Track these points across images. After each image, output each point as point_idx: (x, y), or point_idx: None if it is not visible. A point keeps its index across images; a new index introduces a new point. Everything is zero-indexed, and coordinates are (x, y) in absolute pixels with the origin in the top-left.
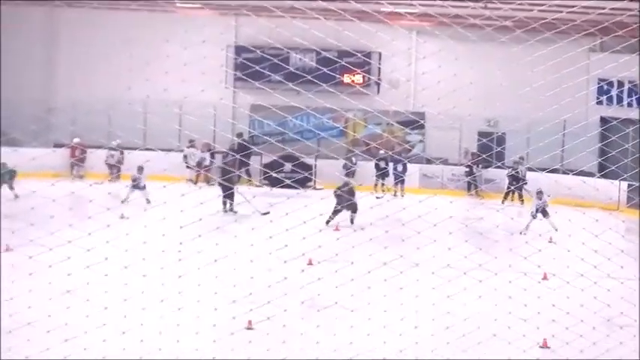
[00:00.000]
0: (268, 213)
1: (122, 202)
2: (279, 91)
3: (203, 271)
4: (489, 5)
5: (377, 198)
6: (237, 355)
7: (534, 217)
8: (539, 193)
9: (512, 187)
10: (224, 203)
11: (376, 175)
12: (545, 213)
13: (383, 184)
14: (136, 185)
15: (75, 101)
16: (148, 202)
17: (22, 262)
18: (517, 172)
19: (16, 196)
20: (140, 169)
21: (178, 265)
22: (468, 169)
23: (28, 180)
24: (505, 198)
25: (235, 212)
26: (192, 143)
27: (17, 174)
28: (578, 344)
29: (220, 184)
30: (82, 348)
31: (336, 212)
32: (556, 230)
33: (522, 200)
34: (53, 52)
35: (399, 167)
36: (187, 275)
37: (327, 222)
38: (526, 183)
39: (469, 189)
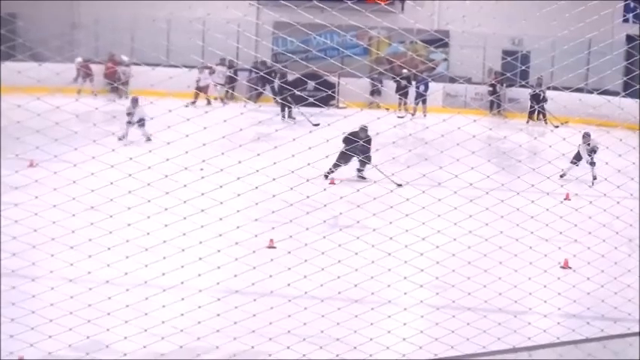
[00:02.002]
0: (319, 125)
1: (119, 139)
2: (303, 8)
3: (226, 189)
4: None
5: (398, 117)
6: (259, 273)
7: (576, 164)
8: (587, 135)
9: (536, 107)
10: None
11: (398, 94)
12: (592, 162)
13: (405, 103)
14: (130, 121)
15: (98, 18)
16: (148, 139)
17: (46, 177)
18: (536, 92)
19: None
20: (134, 100)
21: (201, 183)
22: (491, 88)
23: (53, 95)
24: (530, 118)
25: (294, 119)
26: (222, 61)
27: None
28: (599, 264)
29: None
30: (105, 264)
31: (337, 166)
32: (595, 179)
33: (546, 120)
34: None
35: (422, 87)
36: (210, 193)
37: (326, 175)
38: (546, 102)
39: (492, 108)
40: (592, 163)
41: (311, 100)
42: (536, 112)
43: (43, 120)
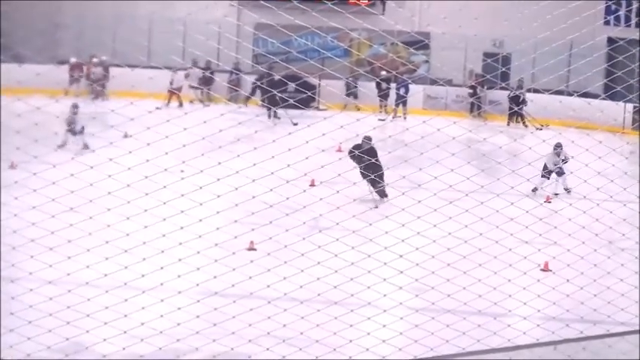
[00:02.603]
0: (297, 124)
1: (59, 147)
2: (284, 9)
3: (205, 190)
4: None
5: (379, 120)
6: (239, 274)
7: (547, 177)
8: (558, 146)
9: (515, 109)
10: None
11: (378, 96)
12: (560, 172)
13: (386, 106)
14: (71, 129)
15: (81, 16)
16: (86, 147)
17: (26, 178)
18: (516, 94)
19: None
20: (74, 107)
21: (181, 184)
22: (471, 90)
23: (32, 96)
24: (509, 120)
25: (279, 118)
26: (194, 63)
27: None
28: (579, 266)
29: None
30: (84, 265)
31: (372, 182)
32: (568, 192)
33: (525, 123)
34: None
35: (402, 89)
36: (190, 194)
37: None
38: (526, 104)
39: (472, 110)
40: (559, 173)
41: (291, 101)
42: (516, 115)
43: (23, 120)
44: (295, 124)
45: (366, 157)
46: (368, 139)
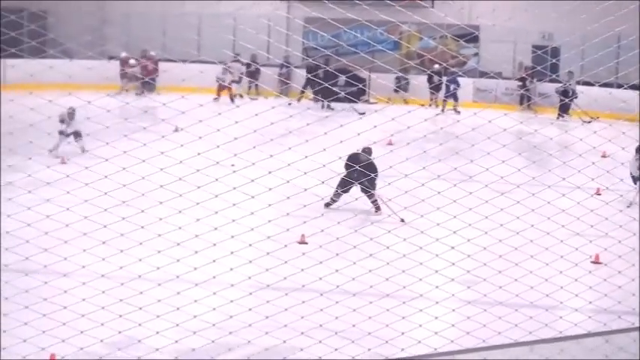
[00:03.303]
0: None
1: (50, 151)
2: (334, 2)
3: (257, 183)
4: None
5: (437, 115)
6: (291, 267)
7: (635, 183)
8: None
9: (566, 101)
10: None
11: (429, 89)
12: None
13: (437, 99)
14: (62, 132)
15: (128, 13)
16: (84, 151)
17: (77, 172)
18: (565, 88)
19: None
20: (71, 112)
21: (233, 177)
22: (521, 83)
23: (83, 91)
24: (560, 113)
25: (332, 108)
26: (236, 57)
27: None
28: (630, 257)
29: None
30: (136, 258)
31: (337, 195)
32: None
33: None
34: None
35: (452, 86)
36: (241, 187)
37: (327, 204)
38: (576, 97)
39: (521, 102)
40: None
41: (342, 94)
42: (565, 107)
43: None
44: (362, 114)
45: (358, 170)
46: (367, 151)
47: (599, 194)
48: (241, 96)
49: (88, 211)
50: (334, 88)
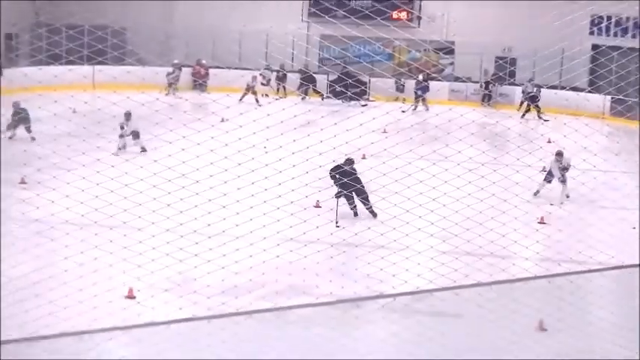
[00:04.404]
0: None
1: (118, 151)
2: (343, 23)
3: (283, 161)
4: None
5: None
6: (309, 225)
7: (549, 182)
8: (559, 154)
9: (525, 101)
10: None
11: (415, 91)
12: (563, 179)
13: (424, 99)
14: (122, 134)
15: (187, 28)
16: (143, 150)
17: (148, 152)
18: (530, 90)
19: (33, 139)
20: (127, 114)
21: (265, 157)
22: (484, 84)
23: (153, 91)
24: (525, 112)
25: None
26: (267, 65)
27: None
28: (568, 219)
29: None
30: (193, 217)
31: (348, 198)
32: (567, 197)
33: (538, 111)
34: None
35: (419, 91)
36: (272, 164)
37: (354, 212)
38: (538, 98)
39: (483, 100)
40: (563, 181)
41: (349, 93)
42: (528, 106)
43: (146, 109)
44: (364, 105)
45: (345, 179)
46: (350, 161)
47: (545, 171)
48: (267, 95)
49: (157, 181)
50: (343, 89)
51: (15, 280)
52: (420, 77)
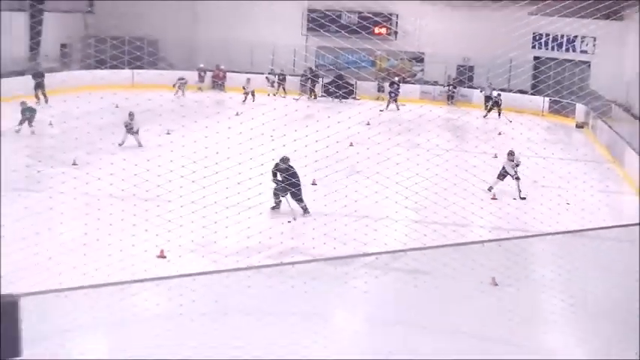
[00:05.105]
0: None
1: (119, 145)
2: (335, 37)
3: (287, 147)
4: None
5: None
6: (308, 198)
7: (501, 179)
8: (511, 154)
9: (487, 104)
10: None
11: (389, 93)
12: (517, 176)
13: (396, 99)
14: (129, 130)
15: (210, 38)
16: (140, 145)
17: (177, 140)
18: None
19: (33, 133)
20: (131, 115)
21: (272, 143)
22: (448, 87)
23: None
24: (487, 112)
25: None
26: (272, 70)
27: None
28: (515, 195)
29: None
30: (214, 191)
31: (277, 196)
32: (522, 198)
33: (500, 114)
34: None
35: (392, 94)
36: (277, 149)
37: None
38: (496, 101)
39: (448, 100)
40: (517, 178)
41: (340, 92)
42: (489, 107)
43: (175, 104)
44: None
45: (283, 176)
46: (284, 160)
47: (496, 157)
48: (274, 94)
49: (184, 162)
50: (333, 89)
51: (69, 242)
52: (396, 79)
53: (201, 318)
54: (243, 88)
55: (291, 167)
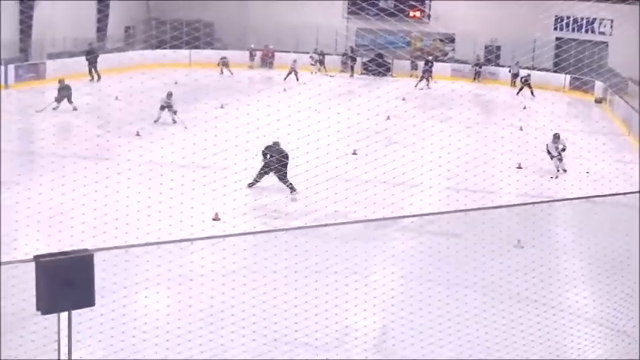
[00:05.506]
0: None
1: (154, 122)
2: (374, 19)
3: (332, 120)
4: None
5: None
6: (349, 166)
7: (555, 156)
8: (556, 136)
9: (514, 80)
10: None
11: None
12: (560, 158)
13: (431, 76)
14: (168, 108)
15: (259, 21)
16: (175, 122)
17: (229, 113)
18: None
19: (75, 109)
20: (169, 94)
21: (317, 116)
22: (475, 66)
23: (235, 68)
24: (519, 89)
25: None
26: (317, 49)
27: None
28: (542, 165)
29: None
30: (253, 155)
31: (262, 175)
32: (565, 171)
33: (532, 91)
34: None
35: (427, 72)
36: (322, 121)
37: (250, 185)
38: (525, 79)
39: (475, 78)
40: (560, 159)
41: (380, 70)
42: (520, 88)
43: (225, 81)
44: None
45: (274, 157)
46: (276, 143)
47: (521, 129)
48: (315, 73)
49: (238, 132)
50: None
51: (135, 204)
52: (430, 58)
53: (253, 275)
54: (290, 67)
55: (283, 150)
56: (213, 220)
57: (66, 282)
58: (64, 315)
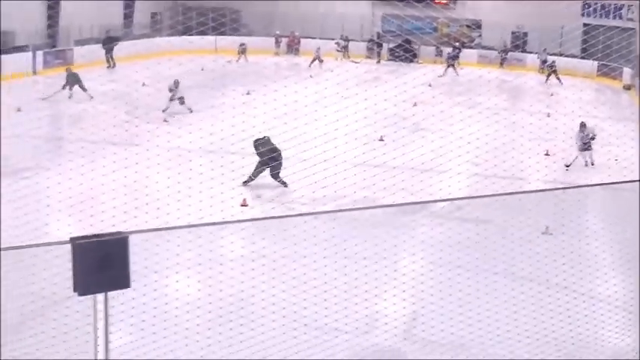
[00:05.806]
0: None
1: (163, 111)
2: (400, 6)
3: (362, 105)
4: None
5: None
6: (377, 152)
7: (584, 147)
8: (583, 126)
9: (543, 66)
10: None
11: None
12: (587, 147)
13: (458, 62)
14: (172, 97)
15: (284, 8)
16: (190, 111)
17: (257, 99)
18: (545, 59)
19: (91, 98)
20: (176, 82)
21: (344, 102)
22: (503, 52)
23: (259, 55)
24: (547, 76)
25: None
26: (342, 36)
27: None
28: (569, 152)
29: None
30: (290, 155)
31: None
32: (592, 165)
33: (557, 77)
34: None
35: (452, 58)
36: (348, 108)
37: (245, 182)
38: (552, 66)
39: (501, 64)
40: (587, 149)
41: (406, 56)
42: (548, 75)
43: (251, 67)
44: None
45: (266, 151)
46: (267, 138)
47: (549, 116)
48: (340, 59)
49: (265, 118)
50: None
51: (164, 190)
52: (457, 44)
53: (282, 260)
54: (315, 54)
55: (275, 146)
56: (242, 206)
57: (102, 264)
58: (100, 297)
